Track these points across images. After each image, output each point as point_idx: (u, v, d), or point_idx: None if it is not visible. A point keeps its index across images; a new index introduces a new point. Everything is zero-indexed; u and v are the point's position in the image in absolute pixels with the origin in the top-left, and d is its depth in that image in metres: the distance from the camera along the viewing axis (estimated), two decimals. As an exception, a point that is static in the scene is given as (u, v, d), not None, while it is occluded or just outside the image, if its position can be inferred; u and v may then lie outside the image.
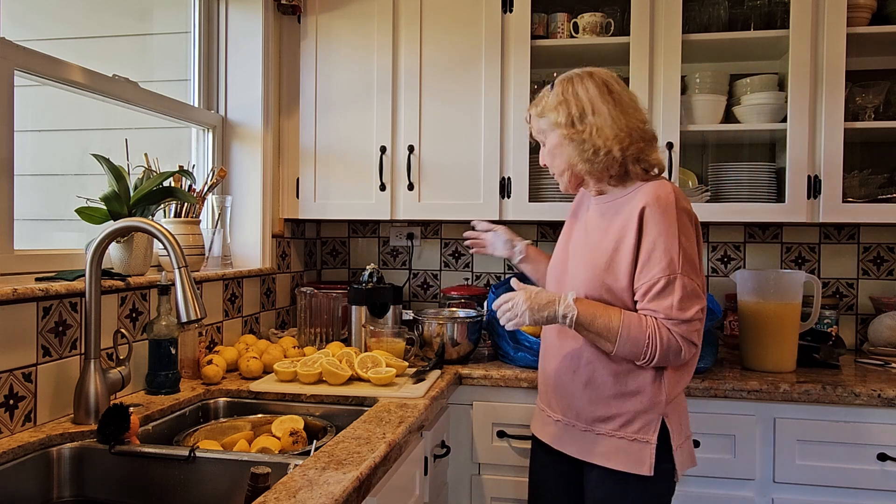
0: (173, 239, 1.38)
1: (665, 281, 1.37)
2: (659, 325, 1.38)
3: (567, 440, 1.52)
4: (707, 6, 2.24)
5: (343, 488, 1.06)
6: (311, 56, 2.41)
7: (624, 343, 1.39)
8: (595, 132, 1.43)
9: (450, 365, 2.03)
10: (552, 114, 1.48)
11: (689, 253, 1.39)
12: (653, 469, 1.41)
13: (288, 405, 1.71)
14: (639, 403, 1.43)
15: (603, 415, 1.46)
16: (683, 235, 1.39)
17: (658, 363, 1.40)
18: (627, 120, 1.44)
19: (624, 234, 1.43)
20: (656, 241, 1.38)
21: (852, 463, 1.80)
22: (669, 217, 1.38)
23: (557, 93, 1.49)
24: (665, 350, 1.37)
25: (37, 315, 1.40)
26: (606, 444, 1.45)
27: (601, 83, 1.47)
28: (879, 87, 2.18)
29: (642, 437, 1.42)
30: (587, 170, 1.47)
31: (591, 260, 1.48)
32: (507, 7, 2.25)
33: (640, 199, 1.42)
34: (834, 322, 2.30)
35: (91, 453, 1.34)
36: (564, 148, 1.48)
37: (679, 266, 1.37)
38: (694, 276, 1.39)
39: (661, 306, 1.38)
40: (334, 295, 2.25)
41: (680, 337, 1.38)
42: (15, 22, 1.61)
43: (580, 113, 1.44)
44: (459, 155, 2.30)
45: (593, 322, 1.40)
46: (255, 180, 2.33)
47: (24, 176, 1.66)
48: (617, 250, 1.43)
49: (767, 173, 2.22)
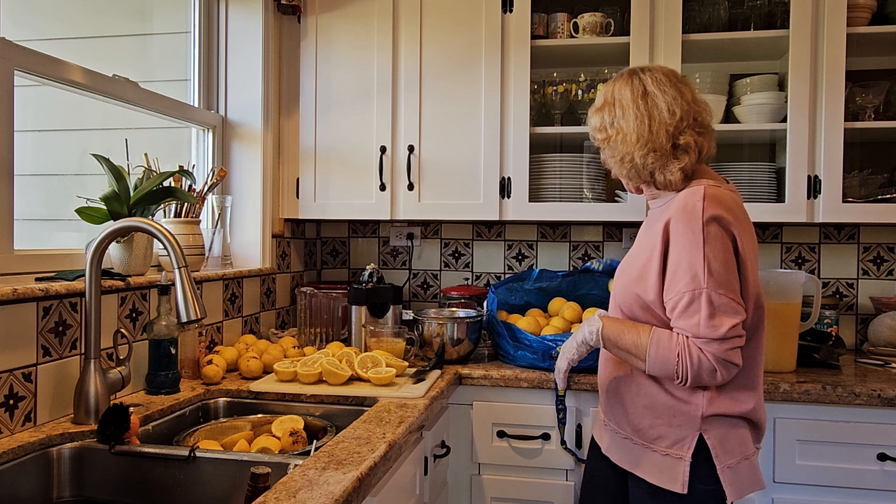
0: (173, 239, 1.38)
1: (689, 297, 1.30)
2: (689, 343, 1.31)
3: (613, 447, 1.51)
4: (707, 6, 2.24)
5: (343, 488, 1.06)
6: (311, 56, 2.41)
7: (654, 361, 1.34)
8: (620, 140, 1.43)
9: (450, 365, 2.03)
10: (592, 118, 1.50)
11: (716, 266, 1.30)
12: (686, 487, 1.34)
13: (288, 405, 1.71)
14: (671, 417, 1.38)
15: (638, 425, 1.43)
16: (709, 247, 1.30)
17: (694, 383, 1.33)
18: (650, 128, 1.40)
19: (654, 244, 1.39)
20: (680, 254, 1.33)
21: (852, 463, 1.80)
22: (694, 228, 1.31)
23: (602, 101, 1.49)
24: (696, 370, 1.30)
25: (37, 315, 1.40)
26: (644, 456, 1.42)
27: (639, 85, 1.44)
28: (879, 87, 2.18)
29: (676, 452, 1.37)
30: (625, 175, 1.47)
31: (627, 270, 1.47)
32: (507, 7, 2.25)
33: (672, 209, 1.37)
34: (834, 322, 2.30)
35: (91, 453, 1.34)
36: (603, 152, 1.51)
37: (704, 281, 1.29)
38: (724, 291, 1.30)
39: (689, 324, 1.31)
40: (334, 295, 2.25)
41: (712, 356, 1.29)
42: (15, 22, 1.61)
43: (612, 119, 1.45)
44: (459, 155, 2.30)
45: (620, 338, 1.37)
46: (255, 180, 2.33)
47: (24, 176, 1.66)
48: (648, 262, 1.40)
49: (767, 173, 2.22)
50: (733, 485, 1.35)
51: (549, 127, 2.32)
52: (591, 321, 1.41)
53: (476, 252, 2.72)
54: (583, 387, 1.89)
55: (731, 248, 1.32)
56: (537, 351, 1.96)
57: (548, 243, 2.65)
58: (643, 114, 1.41)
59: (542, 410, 1.93)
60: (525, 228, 2.67)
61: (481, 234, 2.71)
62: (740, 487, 1.35)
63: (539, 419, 1.93)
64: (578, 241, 2.63)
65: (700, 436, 1.35)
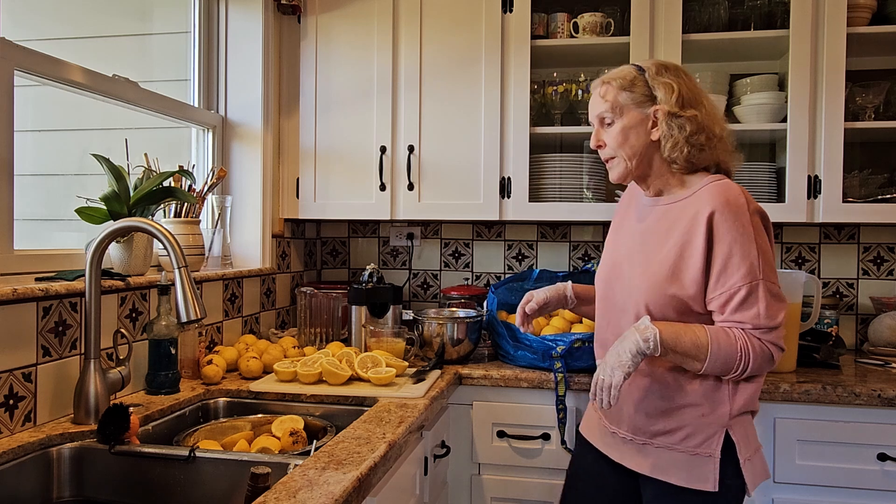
0: (173, 239, 1.38)
1: (748, 289, 1.30)
2: (748, 335, 1.31)
3: (626, 452, 1.45)
4: (707, 6, 2.24)
5: (343, 488, 1.05)
6: (311, 56, 2.41)
7: (715, 360, 1.31)
8: (709, 117, 1.39)
9: (450, 365, 2.03)
10: (659, 90, 1.38)
11: (769, 256, 1.33)
12: (717, 484, 1.34)
13: (288, 405, 1.71)
14: (699, 415, 1.37)
15: (662, 427, 1.39)
16: (760, 239, 1.32)
17: (749, 374, 1.34)
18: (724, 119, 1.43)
19: (689, 239, 1.35)
20: (732, 247, 1.31)
21: (852, 463, 1.80)
22: (743, 221, 1.31)
23: (658, 72, 1.40)
24: (759, 360, 1.32)
25: (37, 315, 1.40)
26: (666, 458, 1.39)
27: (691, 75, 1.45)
28: (879, 87, 2.18)
29: (705, 450, 1.36)
30: (685, 156, 1.38)
31: (652, 268, 1.39)
32: (507, 7, 2.25)
33: (707, 202, 1.34)
34: (834, 322, 2.30)
35: (91, 453, 1.34)
36: (647, 130, 1.40)
37: (760, 271, 1.31)
38: (775, 279, 1.34)
39: (748, 316, 1.31)
40: (334, 295, 2.25)
41: (770, 344, 1.32)
42: (15, 22, 1.61)
43: (692, 95, 1.39)
44: (459, 155, 2.30)
45: (679, 341, 1.31)
46: (255, 180, 2.33)
47: (24, 176, 1.66)
48: (682, 257, 1.35)
49: (767, 173, 2.22)
50: (752, 476, 1.37)
51: (549, 127, 2.32)
52: (641, 329, 1.32)
53: (476, 252, 2.72)
54: (583, 387, 1.89)
55: (770, 242, 1.36)
56: (537, 351, 1.96)
57: (548, 243, 2.65)
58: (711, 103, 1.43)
59: (542, 410, 1.93)
60: (525, 228, 2.67)
61: (481, 234, 2.71)
62: (755, 477, 1.38)
63: (539, 419, 1.93)
64: (578, 241, 2.63)
65: (726, 432, 1.36)
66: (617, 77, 1.43)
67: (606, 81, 1.44)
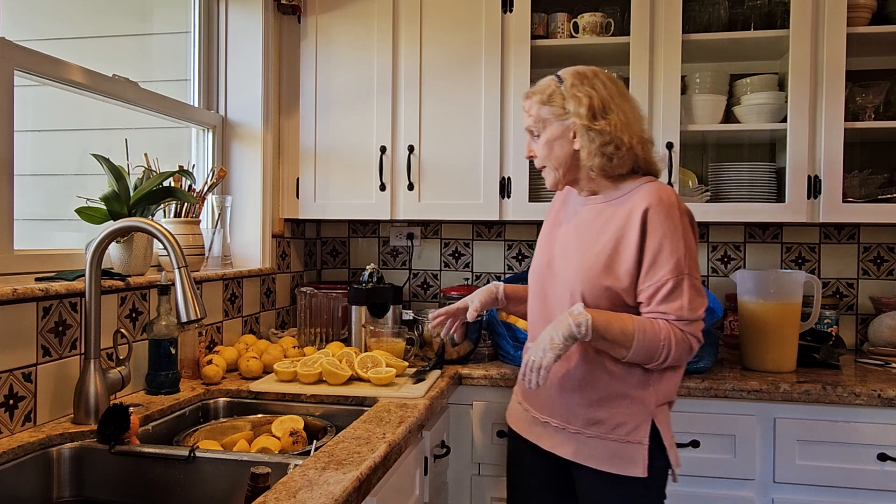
0: (173, 239, 1.38)
1: (674, 282, 1.38)
2: (671, 326, 1.38)
3: (558, 441, 1.50)
4: (707, 6, 2.24)
5: (343, 488, 1.05)
6: (311, 56, 2.41)
7: (640, 347, 1.37)
8: (619, 127, 1.42)
9: (450, 365, 2.03)
10: (570, 103, 1.43)
11: (694, 253, 1.42)
12: (646, 470, 1.41)
13: (288, 405, 1.71)
14: (629, 406, 1.43)
15: (594, 417, 1.44)
16: (688, 236, 1.41)
17: (670, 364, 1.41)
18: (641, 122, 1.49)
19: (624, 234, 1.42)
20: (662, 242, 1.38)
21: (852, 463, 1.80)
22: (674, 218, 1.39)
23: (572, 83, 1.45)
24: (680, 351, 1.38)
25: (37, 315, 1.40)
26: (599, 447, 1.44)
27: (614, 81, 1.48)
28: (879, 87, 2.18)
29: (634, 438, 1.42)
30: (600, 165, 1.44)
31: (587, 261, 1.45)
32: (507, 7, 2.25)
33: (642, 199, 1.41)
34: (834, 322, 2.30)
35: (91, 453, 1.34)
36: (569, 140, 1.45)
37: (686, 266, 1.39)
38: (698, 276, 1.43)
39: (672, 308, 1.38)
40: (334, 295, 2.25)
41: (691, 335, 1.40)
42: (15, 22, 1.61)
43: (602, 106, 1.43)
44: (459, 155, 2.30)
45: (608, 328, 1.36)
46: (255, 180, 2.33)
47: (24, 176, 1.66)
48: (617, 251, 1.42)
49: (767, 173, 2.22)
50: (675, 461, 1.48)
51: (549, 127, 2.32)
52: (575, 314, 1.36)
53: (476, 252, 2.72)
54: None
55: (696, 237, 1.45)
56: (537, 351, 1.96)
57: (548, 243, 2.65)
58: (631, 108, 1.48)
59: (542, 410, 1.93)
60: (525, 228, 2.67)
61: (481, 234, 2.71)
62: (676, 462, 1.49)
63: (539, 419, 1.93)
64: (578, 241, 2.63)
65: (652, 420, 1.44)
66: (538, 91, 1.50)
67: (529, 96, 1.52)
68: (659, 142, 2.16)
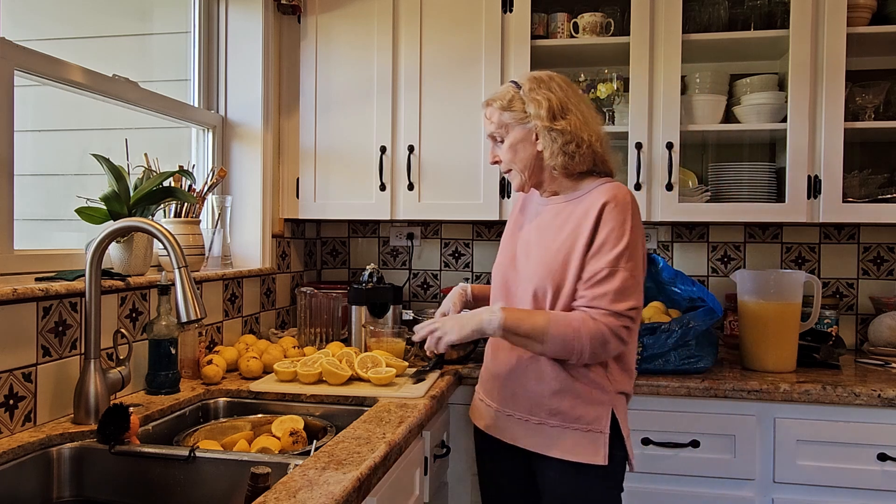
0: (173, 239, 1.38)
1: (608, 272, 1.41)
2: (585, 317, 1.41)
3: (521, 433, 1.53)
4: (707, 6, 2.24)
5: (343, 488, 1.05)
6: (311, 56, 2.41)
7: (553, 341, 1.41)
8: (579, 126, 1.47)
9: (450, 365, 2.03)
10: (530, 106, 1.49)
11: (637, 253, 1.44)
12: (607, 458, 1.45)
13: (288, 405, 1.71)
14: (591, 396, 1.47)
15: (556, 408, 1.48)
16: (633, 235, 1.43)
17: (591, 357, 1.42)
18: (597, 121, 1.53)
19: (581, 230, 1.46)
20: (609, 235, 1.42)
21: (852, 463, 1.80)
22: (625, 215, 1.43)
23: (530, 88, 1.50)
24: (593, 341, 1.39)
25: (37, 315, 1.40)
26: (562, 437, 1.47)
27: (569, 83, 1.54)
28: (879, 87, 2.18)
29: (596, 427, 1.46)
30: (563, 164, 1.49)
31: (547, 259, 1.49)
32: (507, 7, 2.25)
33: (600, 196, 1.46)
34: (834, 322, 2.30)
35: (91, 453, 1.34)
36: (532, 142, 1.51)
37: (625, 261, 1.41)
38: (638, 275, 1.43)
39: (597, 293, 1.41)
40: (334, 295, 2.25)
41: (608, 328, 1.40)
42: (15, 22, 1.61)
43: (561, 106, 1.48)
44: (459, 155, 2.30)
45: (519, 326, 1.42)
46: (255, 180, 2.33)
47: (24, 176, 1.66)
48: (574, 247, 1.46)
49: (767, 173, 2.22)
50: (630, 449, 1.51)
51: (549, 127, 2.32)
52: (490, 311, 1.44)
53: (476, 252, 2.72)
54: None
55: (644, 244, 1.49)
56: (537, 351, 1.96)
57: (548, 243, 2.65)
58: (587, 108, 1.52)
59: (542, 410, 1.93)
60: (525, 228, 2.66)
61: (481, 234, 2.71)
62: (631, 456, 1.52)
63: (539, 419, 1.93)
64: (578, 241, 2.63)
65: (612, 411, 1.48)
66: (497, 98, 1.54)
67: (489, 103, 1.56)
68: (659, 142, 2.16)
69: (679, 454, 1.88)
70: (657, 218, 2.18)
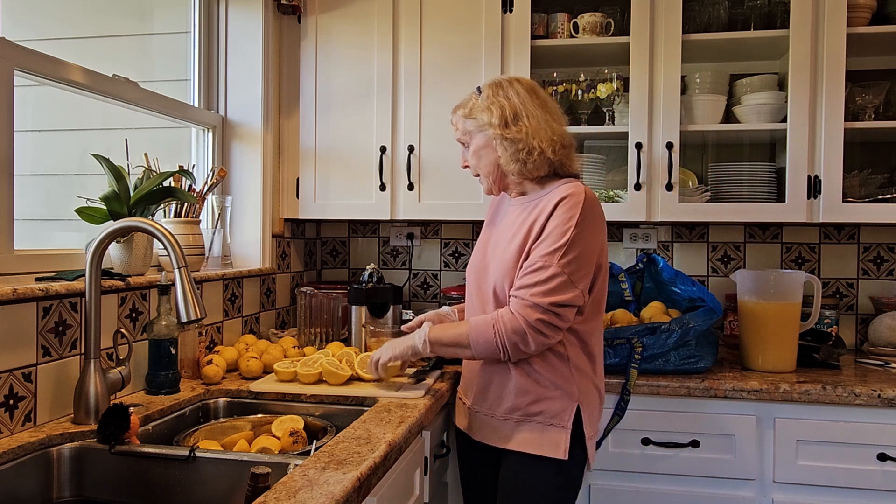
0: (173, 239, 1.38)
1: (540, 264, 1.43)
2: (502, 312, 1.44)
3: (488, 430, 1.57)
4: (707, 6, 2.24)
5: (343, 488, 1.05)
6: (311, 56, 2.41)
7: (476, 344, 1.47)
8: (530, 133, 1.48)
9: (450, 365, 2.03)
10: (483, 114, 1.52)
11: (581, 252, 1.43)
12: (567, 453, 1.46)
13: (288, 405, 1.71)
14: (553, 391, 1.49)
15: (518, 403, 1.51)
16: (577, 233, 1.42)
17: (514, 353, 1.45)
18: (557, 124, 1.53)
19: (533, 227, 1.48)
20: (553, 230, 1.44)
21: (852, 463, 1.80)
22: (573, 213, 1.43)
23: (488, 95, 1.54)
24: (511, 335, 1.42)
25: (37, 315, 1.40)
26: (524, 431, 1.50)
27: (529, 88, 1.55)
28: (879, 87, 2.18)
29: (559, 422, 1.48)
30: (517, 170, 1.52)
31: (506, 256, 1.52)
32: (507, 7, 2.25)
33: (556, 195, 1.48)
34: (834, 322, 2.30)
35: (91, 453, 1.34)
36: (493, 149, 1.54)
37: (560, 258, 1.42)
38: (573, 277, 1.42)
39: (524, 282, 1.44)
40: (334, 295, 2.25)
41: (523, 319, 1.41)
42: (15, 22, 1.61)
43: (514, 114, 1.50)
44: (459, 155, 2.29)
45: (443, 336, 1.51)
46: (255, 180, 2.33)
47: (24, 176, 1.66)
48: (524, 243, 1.49)
49: (767, 173, 2.22)
50: (592, 451, 1.54)
51: (549, 127, 2.32)
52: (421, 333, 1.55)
53: (476, 252, 2.71)
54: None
55: (595, 246, 1.47)
56: (537, 351, 1.96)
57: (548, 243, 2.65)
58: (545, 112, 1.53)
59: (542, 410, 1.93)
60: (525, 228, 2.66)
61: (481, 234, 2.71)
62: (593, 455, 1.56)
63: (539, 419, 1.93)
64: (578, 241, 2.63)
65: (577, 407, 1.49)
66: (461, 106, 1.60)
67: (455, 110, 1.61)
68: (659, 142, 2.16)
69: (679, 454, 1.88)
70: (657, 218, 2.18)
